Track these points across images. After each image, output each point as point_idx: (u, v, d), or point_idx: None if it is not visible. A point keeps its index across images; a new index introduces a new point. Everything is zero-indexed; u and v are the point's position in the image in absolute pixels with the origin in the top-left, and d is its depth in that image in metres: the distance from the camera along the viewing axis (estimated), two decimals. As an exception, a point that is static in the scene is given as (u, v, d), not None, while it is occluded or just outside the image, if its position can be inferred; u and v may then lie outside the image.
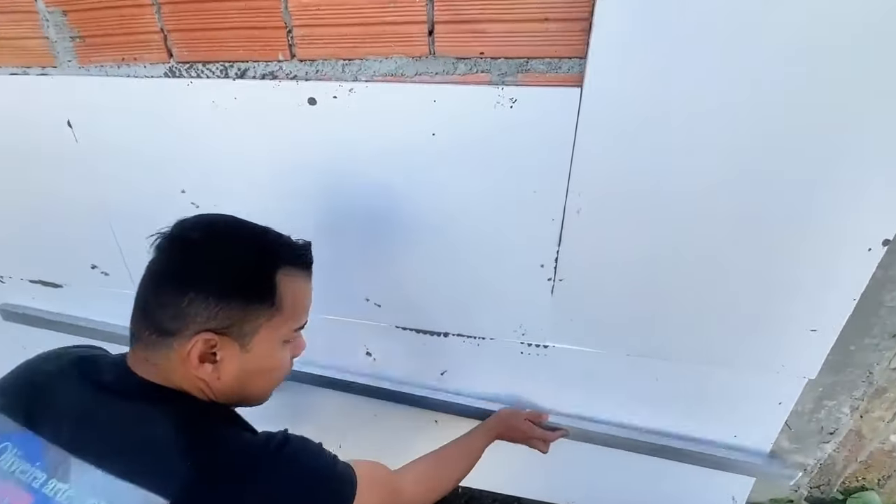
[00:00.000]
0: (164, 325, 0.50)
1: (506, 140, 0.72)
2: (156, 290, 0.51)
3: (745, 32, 0.58)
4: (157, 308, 0.50)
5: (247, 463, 0.49)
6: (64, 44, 0.83)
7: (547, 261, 0.81)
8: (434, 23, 0.68)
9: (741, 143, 0.64)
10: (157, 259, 0.52)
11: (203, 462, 0.46)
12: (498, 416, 0.91)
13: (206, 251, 0.53)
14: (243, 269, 0.53)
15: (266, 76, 0.78)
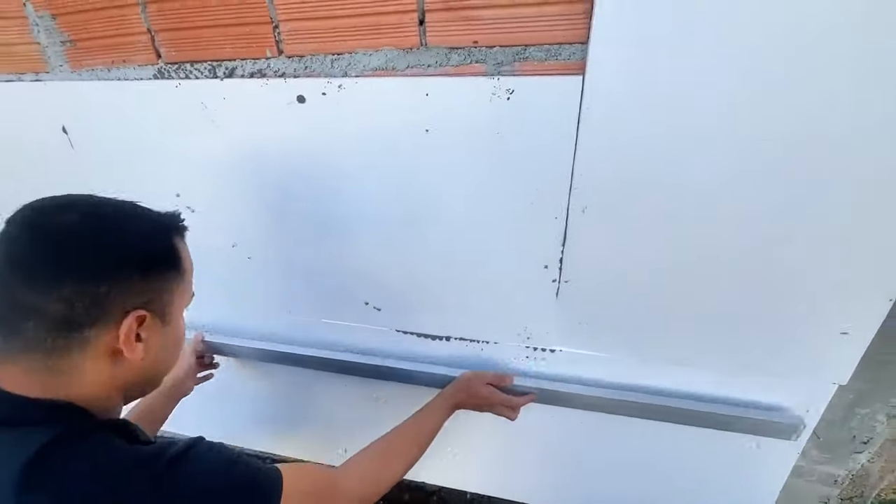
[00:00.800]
0: (75, 320, 0.44)
1: (503, 134, 0.68)
2: (53, 288, 0.44)
3: (763, 14, 0.52)
4: (62, 306, 0.43)
5: (124, 486, 0.43)
6: (55, 48, 0.82)
7: (551, 261, 0.77)
8: (425, 11, 0.64)
9: (760, 132, 0.59)
10: (28, 254, 0.45)
11: (59, 493, 0.41)
12: (457, 383, 0.84)
13: (105, 232, 0.48)
14: (152, 241, 0.52)
15: (255, 74, 0.75)
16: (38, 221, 0.47)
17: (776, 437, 0.80)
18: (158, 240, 0.52)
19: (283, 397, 1.14)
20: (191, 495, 0.46)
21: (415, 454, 0.74)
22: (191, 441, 0.50)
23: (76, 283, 0.44)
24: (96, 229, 0.48)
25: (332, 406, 1.10)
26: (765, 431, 0.81)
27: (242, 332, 1.04)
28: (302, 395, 1.13)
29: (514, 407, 0.84)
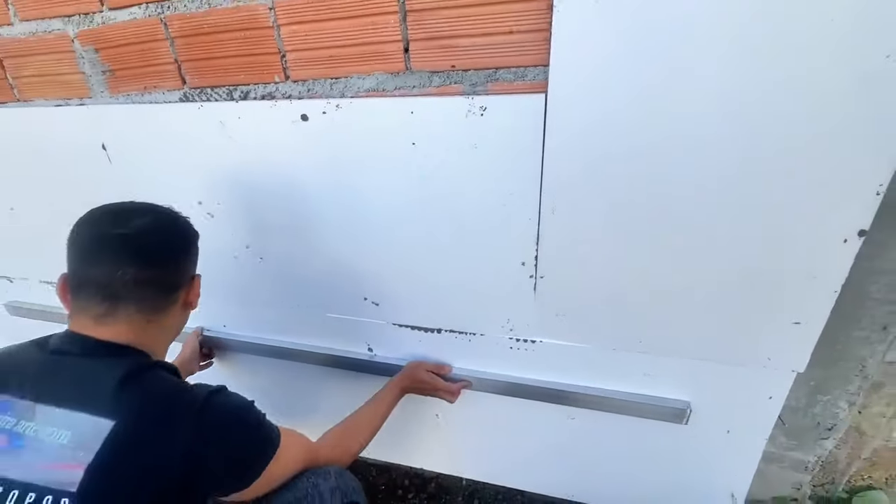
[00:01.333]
0: (177, 284, 0.72)
1: (479, 146, 0.77)
2: (154, 266, 0.68)
3: (688, 35, 0.60)
4: (175, 275, 0.72)
5: (180, 402, 0.63)
6: (97, 77, 0.95)
7: (528, 259, 0.85)
8: (409, 41, 0.74)
9: (705, 136, 0.66)
10: (150, 242, 0.68)
11: (145, 396, 0.62)
12: (404, 371, 1.01)
13: (183, 225, 0.76)
14: (194, 230, 0.78)
15: (265, 97, 0.86)
16: (129, 232, 0.66)
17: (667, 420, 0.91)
18: (196, 237, 0.78)
19: (291, 390, 1.25)
20: (221, 418, 0.65)
21: (373, 431, 0.92)
22: (221, 385, 0.70)
23: (182, 259, 0.73)
24: (181, 224, 0.76)
25: (338, 399, 1.20)
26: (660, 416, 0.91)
27: (254, 326, 1.15)
28: (309, 389, 1.23)
29: (453, 392, 0.99)
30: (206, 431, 0.62)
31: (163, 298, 0.70)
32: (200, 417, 0.62)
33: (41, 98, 1.02)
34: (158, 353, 0.72)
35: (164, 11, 0.84)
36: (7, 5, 0.93)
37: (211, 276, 1.10)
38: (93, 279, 0.64)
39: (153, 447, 0.59)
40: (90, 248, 0.66)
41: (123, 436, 0.57)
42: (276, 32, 0.80)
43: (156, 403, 0.62)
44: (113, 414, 0.58)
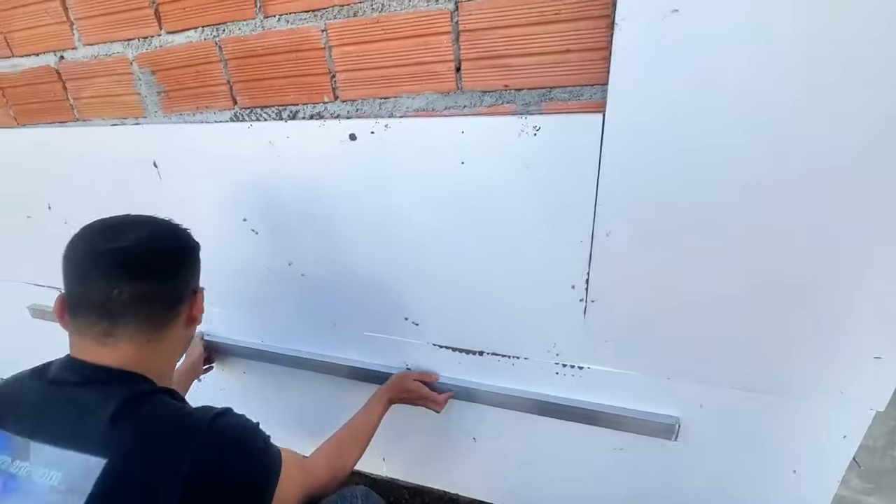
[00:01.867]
0: (178, 299, 0.67)
1: (530, 166, 0.75)
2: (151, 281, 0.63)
3: (755, 53, 0.57)
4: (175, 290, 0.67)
5: (180, 431, 0.58)
6: (152, 98, 0.98)
7: (578, 282, 0.82)
8: (461, 60, 0.74)
9: (767, 156, 0.62)
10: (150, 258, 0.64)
11: (139, 428, 0.56)
12: (390, 381, 1.00)
13: (184, 238, 0.71)
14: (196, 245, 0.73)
15: (314, 116, 0.86)
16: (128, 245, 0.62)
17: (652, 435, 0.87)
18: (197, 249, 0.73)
19: (321, 404, 1.23)
20: (228, 439, 0.61)
21: (363, 446, 0.89)
22: (226, 407, 0.65)
23: (181, 272, 0.68)
24: (180, 235, 0.71)
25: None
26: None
27: (292, 341, 1.15)
28: (340, 404, 1.21)
29: (439, 402, 0.98)
30: (210, 457, 0.57)
31: (163, 315, 0.65)
32: (202, 445, 0.57)
33: (99, 118, 1.06)
34: (165, 374, 0.68)
35: (219, 35, 0.86)
36: (72, 30, 0.97)
37: (253, 291, 1.12)
38: (88, 298, 0.60)
39: (151, 482, 0.53)
40: (84, 265, 0.61)
41: (116, 474, 0.52)
42: (328, 53, 0.80)
43: (153, 435, 0.56)
44: (105, 451, 0.53)
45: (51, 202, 1.23)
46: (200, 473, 0.55)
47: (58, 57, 1.02)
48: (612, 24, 0.64)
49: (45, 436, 0.55)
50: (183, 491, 0.53)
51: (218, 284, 1.14)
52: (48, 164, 1.17)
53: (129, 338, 0.61)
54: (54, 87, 1.06)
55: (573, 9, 0.65)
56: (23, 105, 1.13)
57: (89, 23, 0.95)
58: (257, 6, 0.81)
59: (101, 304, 0.60)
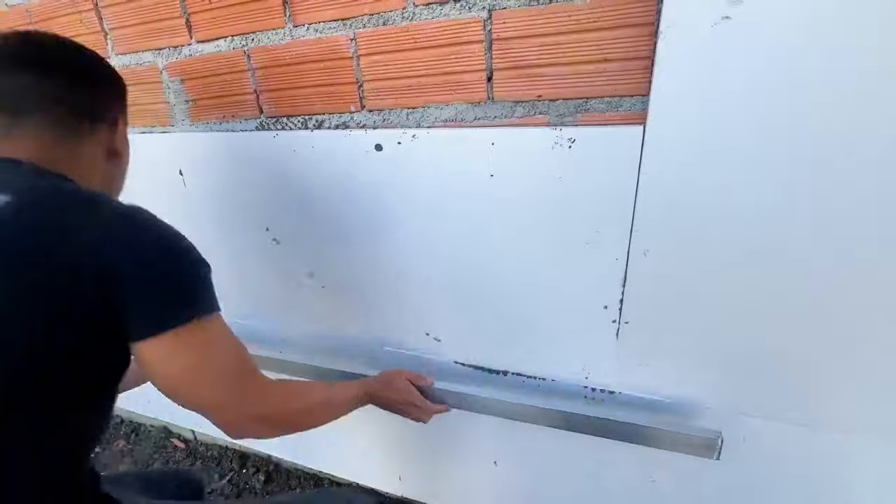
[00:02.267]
0: (83, 109, 0.61)
1: (564, 179, 0.71)
2: (63, 81, 0.59)
3: (815, 68, 0.53)
4: (70, 91, 0.59)
5: (98, 202, 0.53)
6: (180, 106, 0.98)
7: (611, 302, 0.77)
8: (492, 70, 0.71)
9: (822, 174, 0.58)
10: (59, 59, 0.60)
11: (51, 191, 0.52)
12: (378, 375, 0.85)
13: (100, 58, 0.66)
14: (121, 80, 0.69)
15: (339, 126, 0.85)
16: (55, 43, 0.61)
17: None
18: (123, 84, 0.69)
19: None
20: (146, 229, 0.54)
21: (320, 421, 0.72)
22: None
23: (97, 86, 0.63)
24: (95, 55, 0.65)
25: (390, 431, 1.15)
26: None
27: (309, 352, 1.13)
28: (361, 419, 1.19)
29: (427, 411, 0.84)
30: (124, 235, 0.51)
31: (74, 121, 0.59)
32: (120, 220, 0.52)
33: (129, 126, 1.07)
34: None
35: (248, 44, 0.85)
36: (105, 39, 0.98)
37: (272, 301, 1.10)
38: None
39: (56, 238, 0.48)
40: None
41: (19, 215, 0.48)
42: (356, 63, 0.79)
43: (66, 195, 0.53)
44: (8, 188, 0.49)
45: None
46: (112, 249, 0.49)
47: (91, 66, 1.03)
48: (656, 31, 0.60)
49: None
50: (92, 256, 0.48)
51: (237, 294, 1.13)
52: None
53: (36, 132, 0.57)
54: (87, 96, 1.08)
55: (613, 16, 0.62)
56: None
57: (122, 32, 0.96)
58: (286, 15, 0.80)
59: (5, 94, 0.56)
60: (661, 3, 0.59)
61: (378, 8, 0.73)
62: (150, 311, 0.51)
